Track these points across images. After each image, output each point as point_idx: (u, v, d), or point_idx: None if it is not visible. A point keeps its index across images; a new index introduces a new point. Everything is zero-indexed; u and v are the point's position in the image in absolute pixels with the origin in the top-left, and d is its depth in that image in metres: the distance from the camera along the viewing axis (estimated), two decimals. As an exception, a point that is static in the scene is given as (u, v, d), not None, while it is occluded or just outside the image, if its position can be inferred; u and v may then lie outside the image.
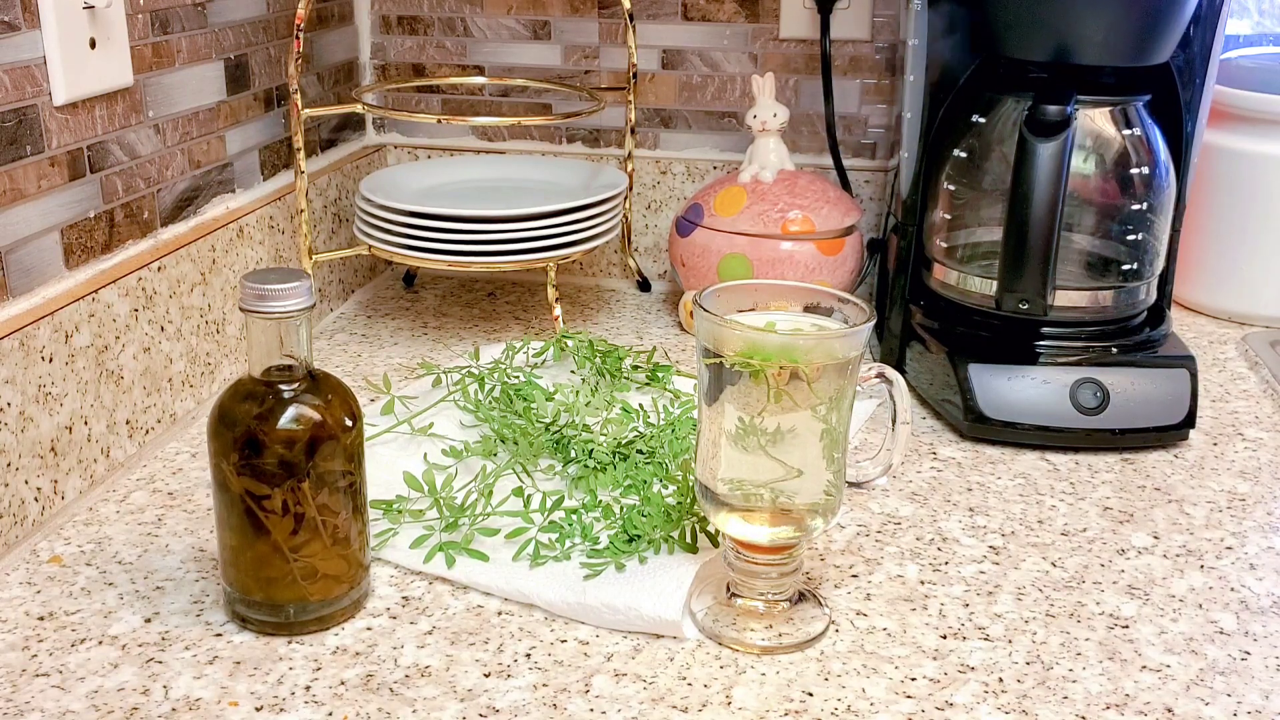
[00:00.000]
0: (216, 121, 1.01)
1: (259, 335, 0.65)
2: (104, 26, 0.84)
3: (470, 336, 1.13)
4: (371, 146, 1.31)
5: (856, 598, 0.73)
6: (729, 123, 1.25)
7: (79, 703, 0.62)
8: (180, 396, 0.94)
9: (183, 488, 0.85)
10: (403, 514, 0.77)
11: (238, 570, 0.67)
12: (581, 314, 1.21)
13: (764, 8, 1.21)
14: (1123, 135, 0.96)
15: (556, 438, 0.85)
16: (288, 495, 0.65)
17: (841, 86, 1.22)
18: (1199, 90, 0.97)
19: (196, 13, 0.97)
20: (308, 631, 0.68)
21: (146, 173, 0.92)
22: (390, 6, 1.28)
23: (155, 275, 0.90)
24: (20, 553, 0.76)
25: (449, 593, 0.72)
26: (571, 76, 1.27)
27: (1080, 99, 0.90)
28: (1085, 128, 0.95)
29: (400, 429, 0.89)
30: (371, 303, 1.23)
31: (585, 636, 0.68)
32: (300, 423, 0.65)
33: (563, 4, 1.25)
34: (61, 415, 0.80)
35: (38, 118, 0.79)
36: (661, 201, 1.28)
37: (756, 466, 0.66)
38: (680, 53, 1.24)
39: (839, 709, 0.62)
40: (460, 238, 1.06)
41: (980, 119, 0.97)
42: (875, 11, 1.19)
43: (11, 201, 0.78)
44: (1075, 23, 0.90)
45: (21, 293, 0.79)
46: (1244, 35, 1.25)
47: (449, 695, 0.63)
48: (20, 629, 0.68)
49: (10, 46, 0.77)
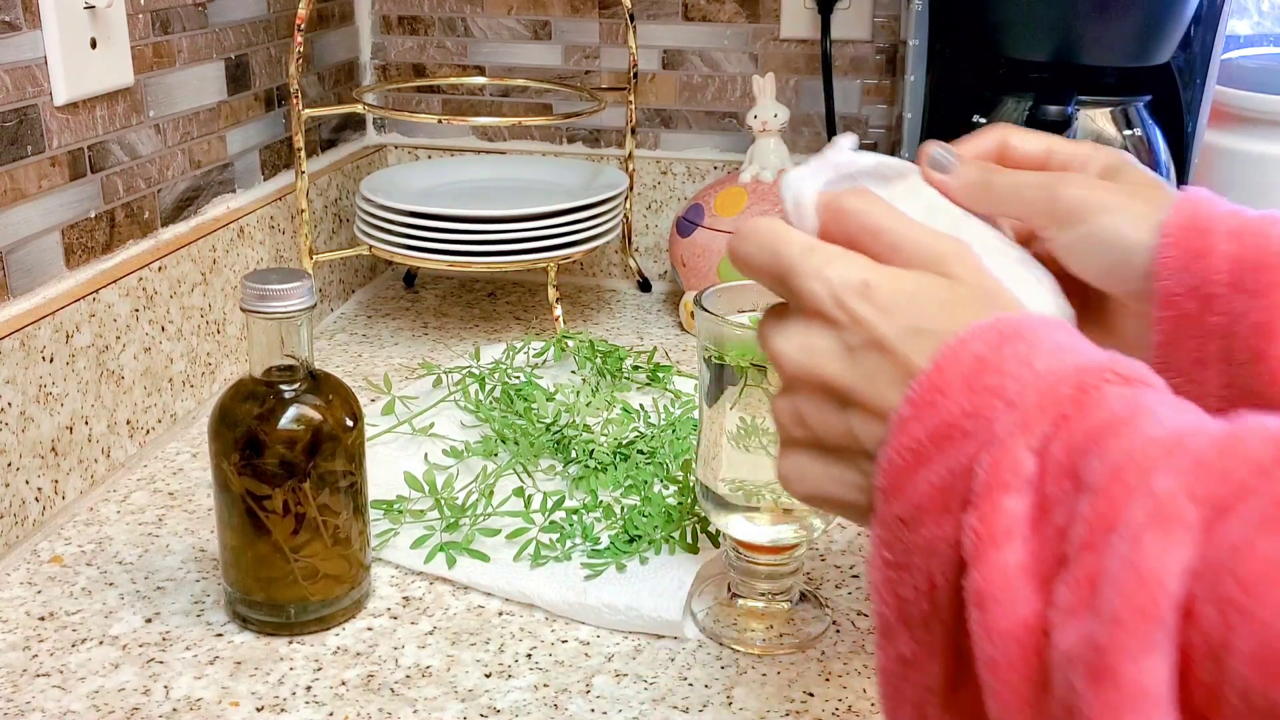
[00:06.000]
0: (217, 121, 1.01)
1: (260, 335, 0.65)
2: (105, 26, 0.84)
3: (471, 336, 1.13)
4: (372, 146, 1.31)
5: (857, 598, 0.73)
6: (729, 123, 1.25)
7: (80, 703, 0.62)
8: (181, 396, 0.94)
9: (183, 488, 0.85)
10: (403, 514, 0.77)
11: (238, 570, 0.67)
12: (582, 314, 1.21)
13: (764, 8, 1.21)
14: (1123, 135, 0.96)
15: (557, 438, 0.85)
16: (289, 495, 0.65)
17: (842, 86, 1.22)
18: (1200, 90, 0.97)
19: (197, 13, 0.97)
20: (308, 632, 0.68)
21: (147, 173, 0.92)
22: (390, 6, 1.28)
23: (156, 275, 0.90)
24: (21, 553, 0.76)
25: (450, 593, 0.72)
26: (572, 76, 1.27)
27: (1081, 99, 0.91)
28: (1086, 128, 0.95)
29: (401, 429, 0.89)
30: (372, 303, 1.23)
31: (586, 637, 0.68)
32: (301, 423, 0.65)
33: (563, 4, 1.25)
34: (62, 415, 0.80)
35: (38, 118, 0.79)
36: (662, 202, 1.28)
37: (757, 466, 0.66)
38: (681, 53, 1.24)
39: (840, 709, 0.62)
40: (460, 238, 1.06)
41: (980, 119, 0.97)
42: (875, 11, 1.19)
43: (12, 201, 0.78)
44: (1076, 23, 0.90)
45: (22, 293, 0.79)
46: (1244, 35, 1.25)
47: (450, 695, 0.63)
48: (21, 629, 0.68)
49: (11, 46, 0.77)
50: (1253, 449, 0.33)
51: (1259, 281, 0.52)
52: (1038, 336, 0.40)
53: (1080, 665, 0.33)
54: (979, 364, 0.39)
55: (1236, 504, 0.32)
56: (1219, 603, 0.31)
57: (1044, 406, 0.38)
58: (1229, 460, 0.33)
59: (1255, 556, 0.31)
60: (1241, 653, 0.30)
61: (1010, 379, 0.38)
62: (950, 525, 0.39)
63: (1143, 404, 0.37)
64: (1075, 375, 0.38)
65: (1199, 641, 0.31)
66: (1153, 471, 0.34)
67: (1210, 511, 0.32)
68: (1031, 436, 0.37)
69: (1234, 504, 0.32)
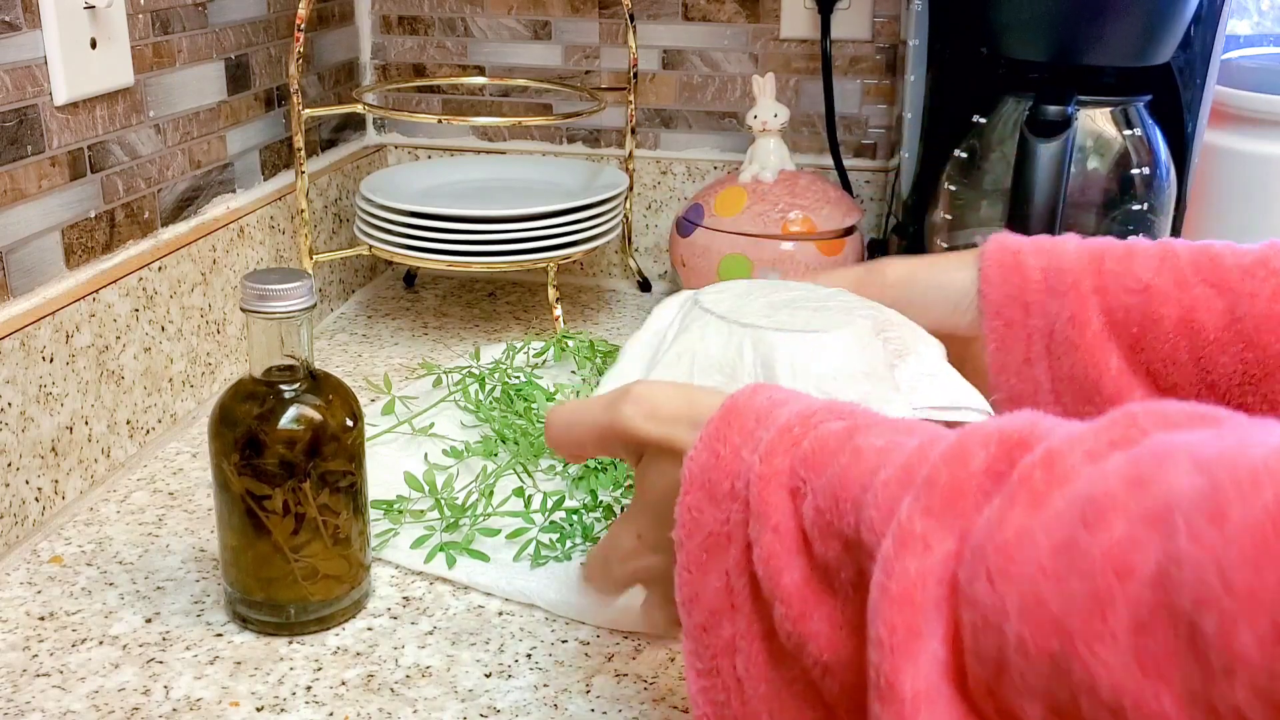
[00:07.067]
0: (217, 121, 1.01)
1: (260, 335, 0.65)
2: (105, 26, 0.84)
3: (470, 336, 1.13)
4: (372, 146, 1.31)
5: (857, 598, 0.72)
6: (729, 123, 1.25)
7: (80, 703, 0.62)
8: (181, 396, 0.94)
9: (183, 488, 0.85)
10: (403, 514, 0.77)
11: (238, 570, 0.67)
12: (582, 314, 1.21)
13: (764, 8, 1.21)
14: (1123, 136, 0.96)
15: (557, 438, 0.85)
16: (288, 495, 0.65)
17: (842, 86, 1.22)
18: (1200, 90, 0.97)
19: (197, 13, 0.97)
20: (308, 631, 0.68)
21: (147, 173, 0.92)
22: (390, 6, 1.28)
23: (156, 275, 0.90)
24: (21, 553, 0.76)
25: (450, 593, 0.72)
26: (572, 76, 1.27)
27: (1081, 99, 0.90)
28: (1086, 128, 0.95)
29: (401, 429, 0.89)
30: (372, 303, 1.23)
31: (586, 637, 0.68)
32: (301, 423, 0.65)
33: (563, 4, 1.25)
34: (62, 415, 0.80)
35: (38, 118, 0.79)
36: (662, 202, 1.28)
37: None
38: (681, 53, 1.24)
39: (840, 709, 0.62)
40: (460, 238, 1.06)
41: (980, 119, 0.97)
42: (875, 11, 1.19)
43: (12, 201, 0.78)
44: (1076, 23, 0.90)
45: (22, 293, 0.79)
46: (1244, 35, 1.25)
47: (450, 695, 0.63)
48: (21, 629, 0.68)
49: (11, 46, 0.77)
50: (976, 460, 0.38)
51: (1063, 283, 0.63)
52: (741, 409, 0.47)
53: (874, 690, 0.37)
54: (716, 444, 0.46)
55: (977, 509, 0.37)
56: (987, 576, 0.34)
57: (775, 449, 0.44)
58: (958, 472, 0.38)
59: (1007, 527, 0.35)
60: (1012, 612, 0.33)
61: (745, 438, 0.46)
62: (742, 621, 0.44)
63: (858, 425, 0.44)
64: (795, 419, 0.45)
65: (978, 619, 0.35)
66: (896, 501, 0.39)
67: (951, 519, 0.37)
68: (778, 474, 0.43)
69: (974, 509, 0.37)
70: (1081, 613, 0.32)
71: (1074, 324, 0.63)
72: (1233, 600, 0.28)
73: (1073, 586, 0.32)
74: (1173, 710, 0.30)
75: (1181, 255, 0.63)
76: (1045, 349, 0.64)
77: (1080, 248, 0.66)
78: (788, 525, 0.42)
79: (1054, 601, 0.32)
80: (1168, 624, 0.30)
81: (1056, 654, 0.32)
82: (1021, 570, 0.34)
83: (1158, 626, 0.30)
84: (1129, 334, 0.62)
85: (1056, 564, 0.33)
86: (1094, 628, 0.31)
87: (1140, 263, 0.63)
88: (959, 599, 0.36)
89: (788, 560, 0.42)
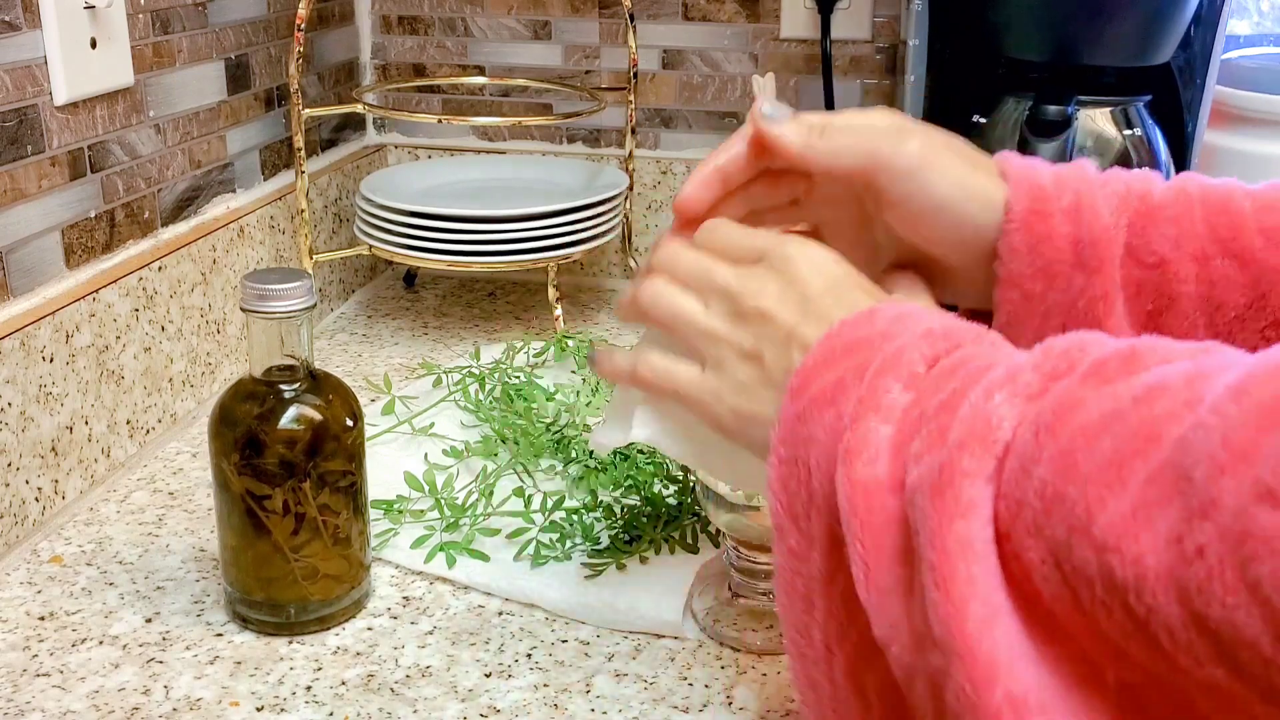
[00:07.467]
0: (217, 121, 1.01)
1: (260, 335, 0.65)
2: (105, 26, 0.84)
3: (470, 336, 1.13)
4: (372, 146, 1.31)
5: (857, 598, 0.72)
6: (729, 123, 1.25)
7: (80, 703, 0.62)
8: (181, 396, 0.94)
9: (183, 488, 0.85)
10: (403, 514, 0.77)
11: (238, 570, 0.67)
12: (582, 314, 1.21)
13: (764, 8, 1.21)
14: (1123, 136, 0.96)
15: (557, 438, 0.85)
16: (289, 495, 0.65)
17: (842, 86, 1.22)
18: (1200, 90, 0.97)
19: (197, 13, 0.97)
20: (308, 631, 0.68)
21: (147, 172, 0.92)
22: (390, 6, 1.28)
23: (156, 275, 0.90)
24: (21, 553, 0.76)
25: (450, 593, 0.72)
26: (572, 76, 1.27)
27: (1081, 99, 0.91)
28: (1086, 128, 0.95)
29: (401, 429, 0.89)
30: (372, 303, 1.23)
31: (586, 636, 0.68)
32: (301, 423, 0.65)
33: (563, 4, 1.25)
34: (62, 415, 0.80)
35: (38, 117, 0.79)
36: (662, 201, 1.28)
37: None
38: (681, 53, 1.24)
39: (840, 709, 0.62)
40: (460, 238, 1.06)
41: (981, 119, 0.97)
42: (875, 11, 1.19)
43: (12, 201, 0.77)
44: (1076, 23, 0.90)
45: (22, 292, 0.79)
46: (1244, 35, 1.25)
47: (450, 695, 0.63)
48: (21, 629, 0.68)
49: (11, 46, 0.77)
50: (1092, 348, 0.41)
51: (1097, 257, 0.56)
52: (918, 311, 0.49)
53: (926, 485, 0.39)
54: (897, 315, 0.47)
55: (1068, 373, 0.40)
56: (1034, 428, 0.38)
57: (933, 338, 0.45)
58: (1072, 352, 0.41)
59: (1069, 395, 0.38)
60: (1045, 460, 0.37)
61: (915, 319, 0.47)
62: (832, 415, 0.44)
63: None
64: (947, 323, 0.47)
65: (1014, 463, 0.38)
66: (1012, 353, 0.43)
67: (1049, 380, 0.40)
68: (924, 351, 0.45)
69: (1066, 374, 0.40)
70: (1103, 464, 0.35)
71: (1103, 304, 0.56)
72: (1226, 454, 0.32)
73: (1104, 445, 0.36)
74: (1149, 550, 0.33)
75: (1199, 222, 0.56)
76: (1060, 326, 0.57)
77: (1114, 212, 0.57)
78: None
79: (1082, 455, 0.36)
80: (1171, 479, 0.33)
81: (1067, 495, 0.36)
82: (1065, 428, 0.37)
83: (1163, 480, 0.34)
84: (1143, 311, 0.57)
85: (1098, 427, 0.36)
86: (1108, 477, 0.35)
87: (1158, 230, 0.56)
88: (1008, 452, 0.39)
89: (900, 378, 0.45)
